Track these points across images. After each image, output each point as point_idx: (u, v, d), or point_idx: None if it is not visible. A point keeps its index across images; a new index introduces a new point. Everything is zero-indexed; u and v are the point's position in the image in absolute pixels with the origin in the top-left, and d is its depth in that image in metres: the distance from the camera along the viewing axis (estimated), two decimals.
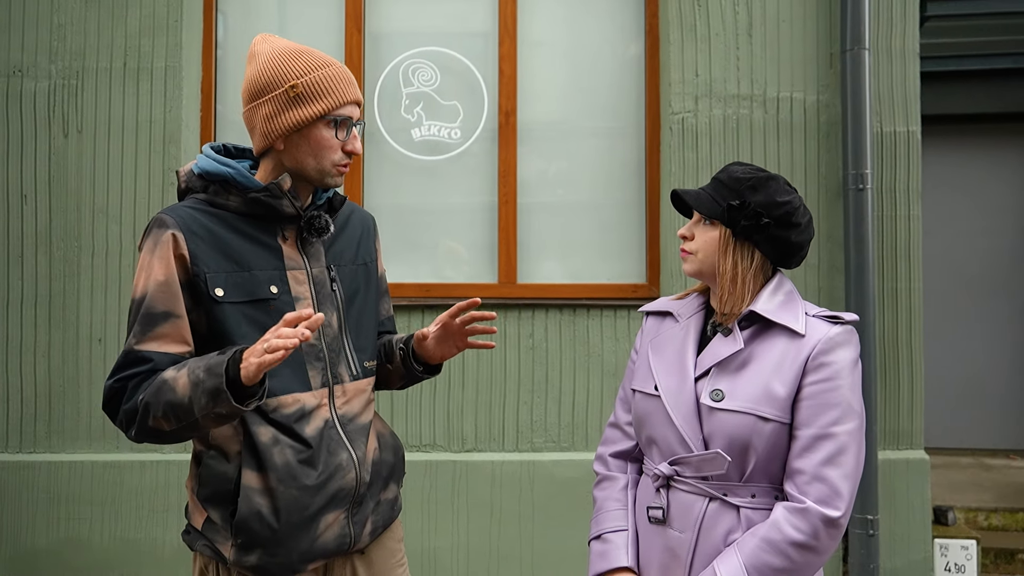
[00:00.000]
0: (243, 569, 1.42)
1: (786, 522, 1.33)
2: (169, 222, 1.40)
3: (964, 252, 5.26)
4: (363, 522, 1.51)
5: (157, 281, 1.38)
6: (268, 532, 1.39)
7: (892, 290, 3.32)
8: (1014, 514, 3.90)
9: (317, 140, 1.44)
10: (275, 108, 1.43)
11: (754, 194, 1.44)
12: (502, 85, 3.50)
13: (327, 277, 1.53)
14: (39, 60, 3.33)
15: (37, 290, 3.31)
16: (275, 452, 1.40)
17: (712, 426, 1.41)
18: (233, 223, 1.45)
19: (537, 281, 3.51)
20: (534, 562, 3.26)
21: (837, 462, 1.34)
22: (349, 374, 1.52)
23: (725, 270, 1.46)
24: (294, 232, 1.50)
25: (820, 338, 1.40)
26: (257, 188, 1.44)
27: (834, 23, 3.35)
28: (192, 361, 1.35)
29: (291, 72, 1.43)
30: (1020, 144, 5.31)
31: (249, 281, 1.43)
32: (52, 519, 3.25)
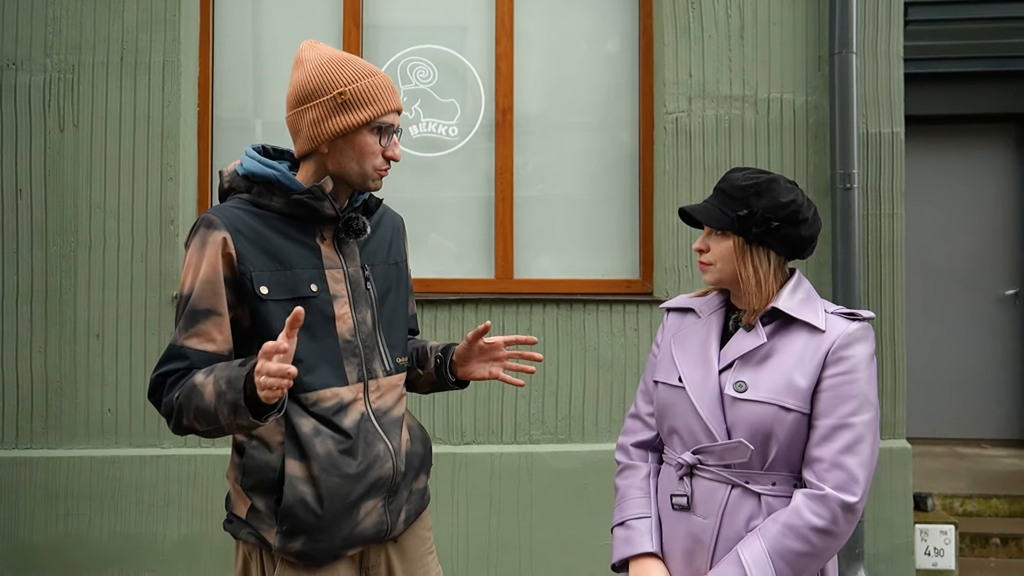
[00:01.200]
0: (287, 555, 1.46)
1: (806, 508, 1.40)
2: (217, 222, 1.45)
3: (940, 248, 5.43)
4: (398, 510, 1.57)
5: (203, 279, 1.43)
6: (312, 519, 1.44)
7: (876, 286, 3.44)
8: (988, 500, 4.07)
9: (361, 145, 1.49)
10: (322, 113, 1.48)
11: (759, 200, 1.50)
12: (499, 83, 3.55)
13: (362, 276, 1.58)
14: (33, 53, 3.30)
15: (33, 285, 3.29)
16: (317, 442, 1.46)
17: (735, 416, 1.48)
18: (275, 223, 1.50)
19: (533, 276, 3.57)
20: (532, 551, 3.33)
21: (854, 450, 1.41)
22: (383, 369, 1.58)
23: (748, 276, 1.52)
24: (331, 233, 1.55)
25: (839, 333, 1.47)
26: (301, 190, 1.49)
27: (822, 27, 3.45)
28: (220, 367, 1.40)
29: (339, 80, 1.48)
30: (994, 144, 5.50)
31: (291, 279, 1.48)
32: (50, 515, 3.25)
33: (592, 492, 3.34)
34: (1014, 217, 5.45)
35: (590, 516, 3.33)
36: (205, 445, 3.30)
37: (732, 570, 1.41)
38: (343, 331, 1.52)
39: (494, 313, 3.40)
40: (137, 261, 3.31)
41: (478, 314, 3.39)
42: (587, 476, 3.35)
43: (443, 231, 3.60)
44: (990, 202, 5.47)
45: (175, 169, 3.32)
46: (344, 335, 1.52)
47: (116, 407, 3.29)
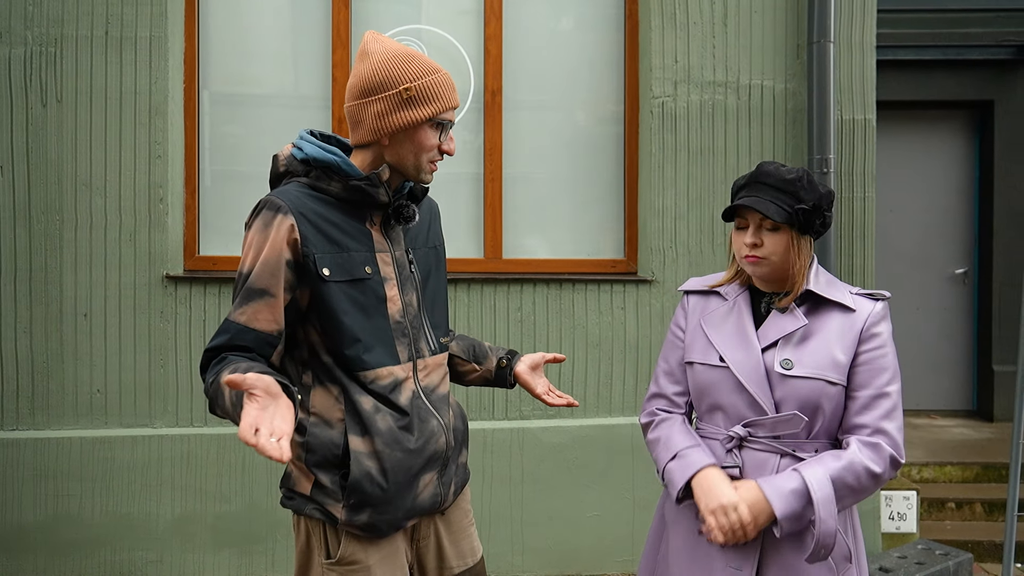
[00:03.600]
0: (353, 528, 1.52)
1: (862, 453, 1.53)
2: (283, 207, 1.48)
3: (894, 228, 5.68)
4: (449, 483, 1.66)
5: (263, 260, 1.47)
6: (379, 492, 1.51)
7: (848, 266, 3.62)
8: (942, 467, 4.33)
9: (420, 139, 1.54)
10: (387, 107, 1.52)
11: (808, 193, 1.59)
12: (488, 65, 3.59)
13: (407, 260, 1.64)
14: (13, 25, 3.21)
15: (16, 264, 3.22)
16: (378, 419, 1.52)
17: (783, 392, 1.58)
18: (332, 207, 1.54)
19: (522, 256, 3.64)
20: (523, 522, 3.44)
21: (892, 416, 1.56)
22: (428, 349, 1.64)
23: (794, 263, 1.60)
24: (380, 218, 1.61)
25: (869, 312, 1.60)
26: (359, 177, 1.54)
27: (801, 16, 3.57)
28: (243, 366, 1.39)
29: (405, 75, 1.51)
30: (948, 130, 5.76)
31: (348, 262, 1.53)
32: (39, 496, 3.22)
33: (581, 466, 3.46)
34: (966, 200, 5.74)
35: (579, 489, 3.46)
36: (198, 425, 3.31)
37: (792, 483, 1.51)
38: (393, 312, 1.58)
39: (485, 292, 3.46)
40: (125, 239, 3.27)
41: (470, 293, 3.45)
42: (576, 450, 3.46)
43: None
44: (942, 185, 5.75)
45: (163, 147, 3.28)
46: (394, 316, 1.58)
47: (105, 387, 3.26)
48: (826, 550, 1.50)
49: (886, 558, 3.37)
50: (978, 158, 5.75)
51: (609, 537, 3.46)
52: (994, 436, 4.99)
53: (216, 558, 3.28)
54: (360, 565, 1.54)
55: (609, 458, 3.47)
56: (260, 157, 3.45)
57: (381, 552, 1.55)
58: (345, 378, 1.52)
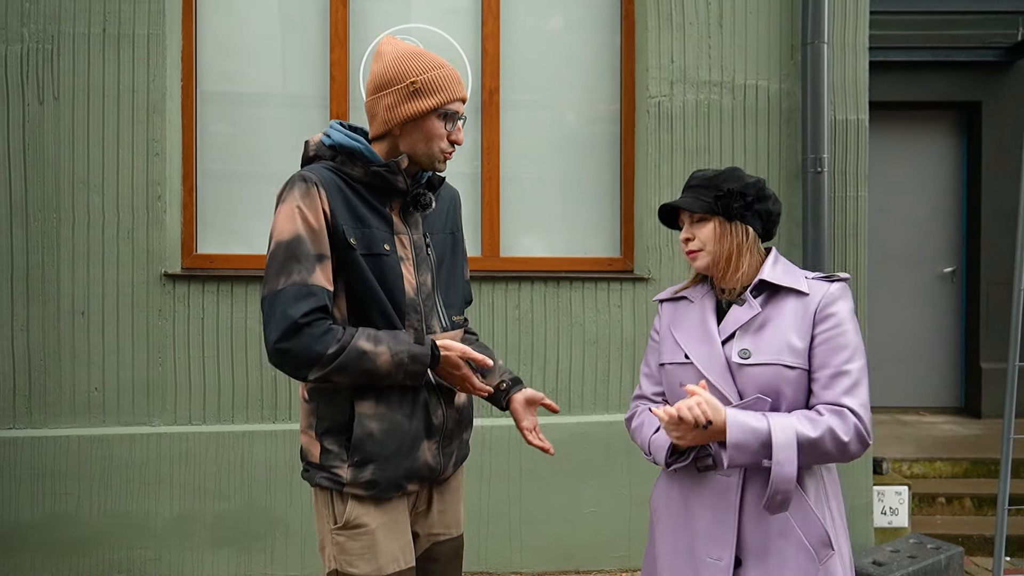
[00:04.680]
0: (358, 487, 1.63)
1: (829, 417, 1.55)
2: (314, 179, 1.60)
3: (883, 227, 5.75)
4: (450, 455, 1.78)
5: (312, 227, 1.58)
6: (379, 449, 1.63)
7: (842, 264, 3.66)
8: (932, 463, 4.40)
9: (429, 129, 1.66)
10: (396, 100, 1.65)
11: (728, 183, 1.69)
12: (486, 64, 3.61)
13: (424, 243, 1.74)
14: (9, 22, 3.19)
15: (13, 262, 3.21)
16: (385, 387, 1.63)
17: (744, 380, 1.63)
18: (356, 189, 1.66)
19: (519, 255, 3.66)
20: (521, 518, 3.46)
21: (853, 392, 1.57)
22: (440, 326, 1.75)
23: (731, 251, 1.69)
24: (399, 204, 1.71)
25: (823, 294, 1.64)
26: (380, 163, 1.66)
27: (795, 17, 3.61)
28: (387, 339, 1.59)
29: (412, 70, 1.64)
30: (936, 131, 5.83)
31: (369, 236, 1.64)
32: (37, 495, 3.20)
33: (578, 462, 3.49)
34: (954, 199, 5.82)
35: (577, 486, 3.48)
36: (196, 423, 3.30)
37: (755, 421, 1.53)
38: (408, 289, 1.68)
39: (483, 291, 3.48)
40: (123, 238, 3.26)
41: None
42: (573, 447, 3.49)
43: None
44: (931, 185, 5.82)
45: (161, 144, 3.27)
46: (408, 292, 1.68)
47: (103, 385, 3.26)
48: (783, 496, 1.53)
49: (879, 552, 3.42)
50: (966, 158, 5.83)
51: (606, 533, 3.49)
52: (982, 432, 5.06)
53: (215, 556, 3.29)
54: (365, 529, 1.63)
55: (606, 455, 3.50)
56: (258, 155, 3.45)
57: (385, 516, 1.65)
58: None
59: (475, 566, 3.44)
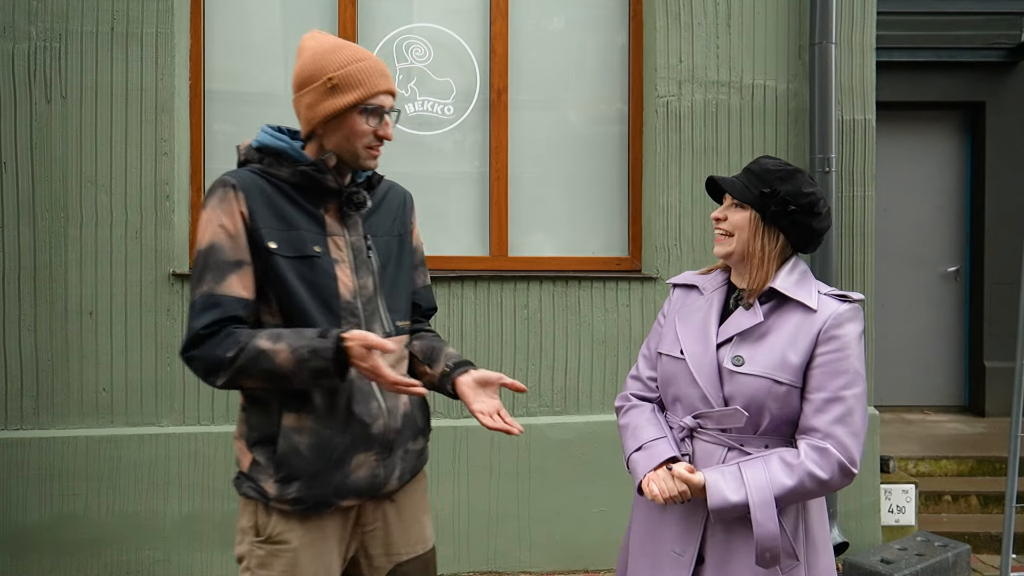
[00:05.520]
0: (283, 503, 1.55)
1: (808, 458, 1.54)
2: (233, 182, 1.56)
3: (887, 227, 5.75)
4: (393, 467, 1.65)
5: (228, 233, 1.53)
6: (305, 465, 1.54)
7: (849, 264, 3.67)
8: (938, 461, 4.40)
9: (351, 127, 1.58)
10: (315, 98, 1.58)
11: (783, 184, 1.62)
12: (494, 63, 3.60)
13: (364, 245, 1.66)
14: (17, 20, 3.18)
15: (21, 262, 3.20)
16: (314, 397, 1.55)
17: (732, 387, 1.60)
18: (284, 191, 1.60)
19: (527, 254, 3.66)
20: (531, 518, 3.46)
21: (846, 421, 1.54)
22: (382, 331, 1.66)
23: (754, 251, 1.64)
24: (335, 205, 1.64)
25: (831, 314, 1.58)
26: (306, 162, 1.59)
27: (803, 17, 3.62)
28: (288, 336, 1.50)
29: (329, 65, 1.57)
30: (940, 131, 5.84)
31: (296, 239, 1.57)
32: (45, 496, 3.19)
33: (587, 461, 3.49)
34: (958, 199, 5.83)
35: (586, 484, 3.48)
36: (205, 423, 3.30)
37: (733, 483, 1.53)
38: (344, 293, 1.61)
39: (492, 290, 3.48)
40: (131, 237, 3.25)
41: (477, 291, 3.47)
42: (583, 446, 3.49)
43: (438, 208, 3.65)
44: (935, 184, 5.83)
45: (169, 144, 3.27)
46: (344, 296, 1.61)
47: (111, 386, 3.25)
48: (771, 553, 1.52)
49: (887, 550, 3.42)
50: (970, 158, 5.84)
51: (615, 533, 3.49)
52: (987, 431, 5.08)
53: (224, 556, 3.28)
54: (286, 546, 1.57)
55: (615, 454, 3.48)
56: None
57: (309, 535, 1.58)
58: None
59: (483, 566, 3.44)
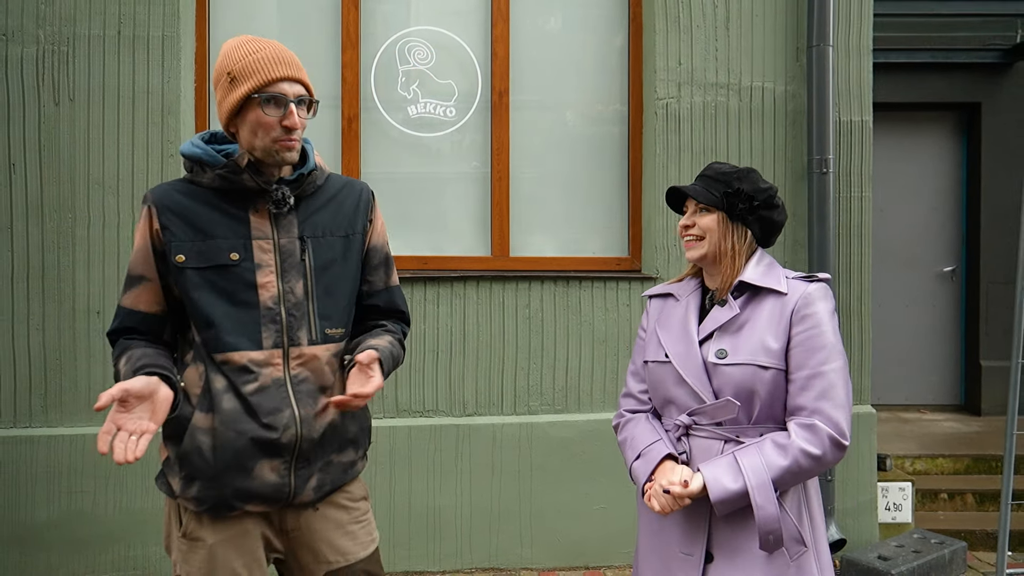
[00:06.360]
0: (186, 501, 1.58)
1: (798, 436, 1.58)
2: (149, 198, 1.61)
3: (883, 227, 5.80)
4: (307, 477, 1.63)
5: (136, 249, 1.61)
6: (205, 466, 1.56)
7: (846, 264, 3.72)
8: (934, 460, 4.45)
9: (254, 120, 1.55)
10: (221, 95, 1.58)
11: (742, 183, 1.71)
12: (495, 66, 3.65)
13: (297, 247, 1.63)
14: (25, 24, 3.22)
15: (29, 262, 3.24)
16: (225, 399, 1.56)
17: (720, 380, 1.64)
18: (207, 198, 1.60)
19: (528, 254, 3.70)
20: (532, 515, 3.50)
21: (829, 395, 1.59)
22: (308, 338, 1.63)
23: (726, 249, 1.71)
24: (263, 205, 1.62)
25: (800, 294, 1.65)
26: (219, 165, 1.58)
27: (801, 20, 3.66)
28: (135, 358, 1.54)
29: (230, 61, 1.56)
30: (936, 132, 5.89)
31: (211, 249, 1.58)
32: (52, 493, 3.23)
33: (588, 459, 3.53)
34: (954, 199, 5.88)
35: (586, 482, 3.53)
36: None
37: (730, 473, 1.56)
38: (265, 298, 1.60)
39: (493, 290, 3.52)
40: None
41: (479, 291, 3.51)
42: (583, 444, 3.53)
43: (440, 209, 3.70)
44: (931, 185, 5.88)
45: (175, 146, 3.30)
46: (266, 302, 1.60)
47: None
48: (774, 535, 1.55)
49: (884, 547, 3.47)
50: (965, 158, 5.89)
51: (615, 530, 3.54)
52: (982, 429, 5.12)
53: None
54: (201, 543, 1.59)
55: (615, 452, 3.54)
56: None
57: (224, 534, 1.59)
58: (207, 358, 1.59)
59: (485, 562, 3.48)
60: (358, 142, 3.57)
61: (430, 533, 3.45)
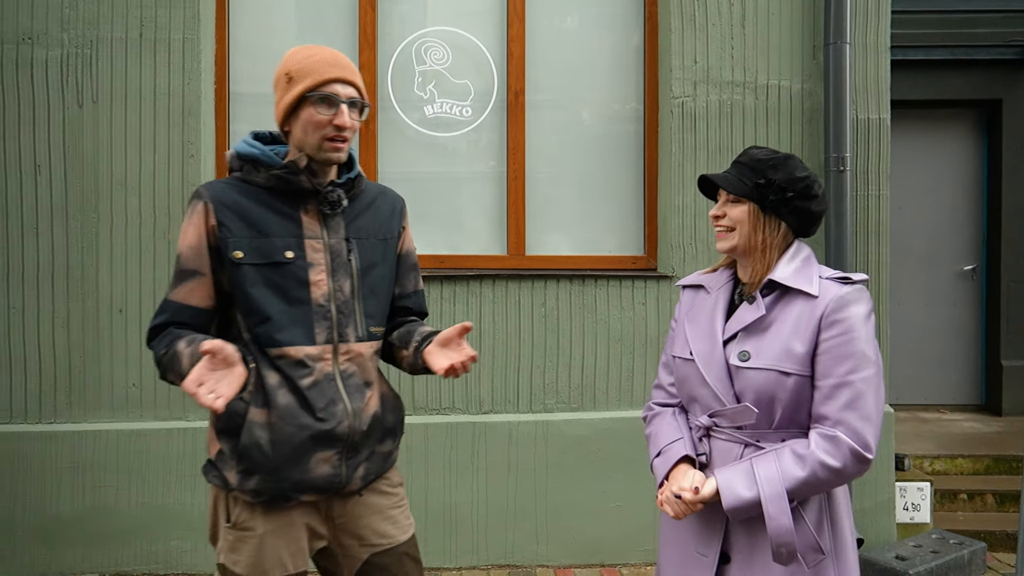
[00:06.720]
0: (243, 494, 1.63)
1: (819, 447, 1.52)
2: (204, 194, 1.64)
3: (903, 225, 5.76)
4: (356, 467, 1.71)
5: (189, 244, 1.63)
6: (265, 460, 1.61)
7: (864, 262, 3.70)
8: (954, 460, 4.41)
9: (307, 118, 1.63)
10: (279, 95, 1.67)
11: (776, 172, 1.61)
12: (511, 65, 3.67)
13: (344, 248, 1.71)
14: (50, 28, 3.28)
15: (54, 261, 3.30)
16: (279, 394, 1.62)
17: (742, 383, 1.59)
18: (260, 197, 1.66)
19: (544, 253, 3.72)
20: (548, 513, 3.52)
21: (854, 406, 1.50)
22: (355, 335, 1.71)
23: (756, 243, 1.63)
24: (314, 206, 1.69)
25: (831, 298, 1.55)
26: (278, 166, 1.65)
27: (817, 17, 3.65)
28: (199, 340, 1.57)
29: (289, 63, 1.66)
30: (956, 129, 5.84)
31: (267, 245, 1.63)
32: (77, 488, 3.30)
33: (603, 457, 3.54)
34: (974, 197, 5.82)
35: (602, 479, 3.54)
36: None
37: (745, 480, 1.53)
38: (317, 296, 1.66)
39: (509, 289, 3.54)
40: (159, 237, 3.34)
41: (495, 289, 3.53)
42: (599, 442, 3.54)
43: (456, 208, 3.72)
44: (951, 183, 5.83)
45: (196, 146, 3.36)
46: (318, 299, 1.66)
47: (141, 381, 3.34)
48: (787, 548, 1.50)
49: (902, 547, 3.45)
50: (986, 156, 5.83)
51: (631, 527, 3.55)
52: (1003, 429, 5.07)
53: None
54: (252, 533, 1.64)
55: (631, 450, 3.55)
56: None
57: (274, 523, 1.65)
58: (259, 354, 1.63)
59: (501, 559, 3.50)
60: (375, 142, 3.60)
61: (446, 530, 3.47)
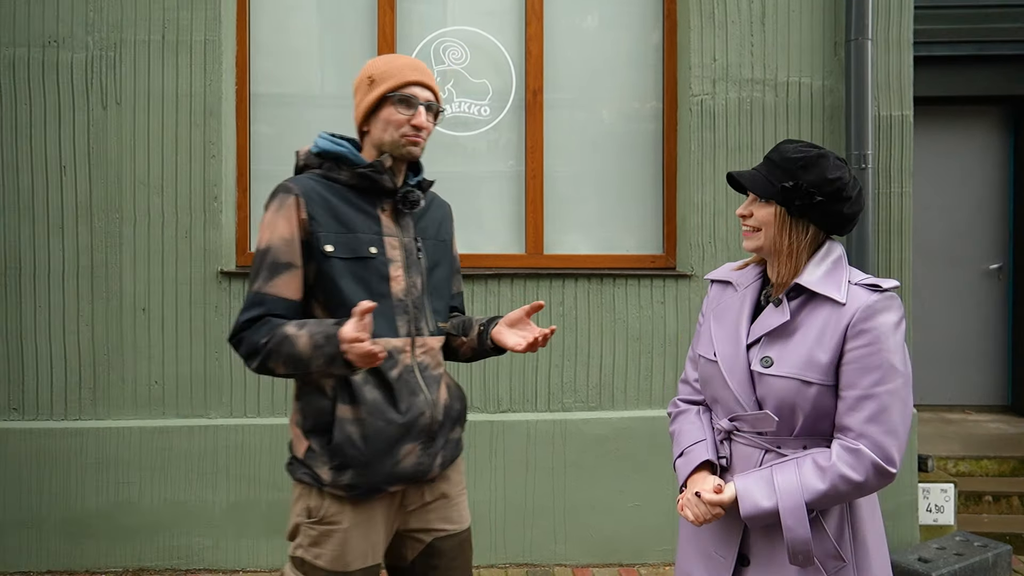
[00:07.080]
0: (337, 489, 1.66)
1: (841, 460, 1.47)
2: (294, 188, 1.68)
3: (928, 224, 5.68)
4: (435, 455, 1.78)
5: (282, 237, 1.65)
6: (358, 455, 1.65)
7: (886, 261, 3.66)
8: (979, 461, 4.35)
9: (387, 116, 1.72)
10: (360, 97, 1.76)
11: (806, 173, 1.52)
12: (529, 64, 3.67)
13: (415, 246, 1.79)
14: (75, 31, 3.33)
15: (79, 260, 3.35)
16: (365, 389, 1.66)
17: (764, 389, 1.55)
18: (343, 194, 1.72)
19: (562, 252, 3.72)
20: (566, 512, 3.51)
21: (878, 419, 1.45)
22: (428, 330, 1.79)
23: (782, 246, 1.57)
24: (391, 205, 1.77)
25: (859, 307, 1.49)
26: (364, 164, 1.73)
27: (839, 14, 3.61)
28: (312, 324, 1.60)
29: (372, 67, 1.76)
30: (982, 125, 5.75)
31: (354, 241, 1.69)
32: (101, 483, 3.35)
33: (622, 456, 3.53)
34: (1000, 195, 5.73)
35: (620, 479, 3.53)
36: (251, 415, 3.42)
37: (764, 489, 1.49)
38: (396, 291, 1.73)
39: (528, 287, 3.54)
40: (182, 237, 3.38)
41: (513, 288, 3.54)
42: (617, 441, 3.53)
43: (474, 207, 3.73)
44: (976, 181, 5.74)
45: (217, 147, 3.39)
46: (397, 294, 1.73)
47: (163, 379, 3.39)
48: (804, 556, 1.48)
49: (925, 549, 3.41)
50: (1012, 153, 5.73)
51: (649, 527, 3.53)
52: None
53: (269, 544, 3.39)
54: (338, 527, 1.68)
55: (650, 449, 3.54)
56: None
57: (359, 516, 1.69)
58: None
59: (519, 558, 3.50)
60: None
61: None
